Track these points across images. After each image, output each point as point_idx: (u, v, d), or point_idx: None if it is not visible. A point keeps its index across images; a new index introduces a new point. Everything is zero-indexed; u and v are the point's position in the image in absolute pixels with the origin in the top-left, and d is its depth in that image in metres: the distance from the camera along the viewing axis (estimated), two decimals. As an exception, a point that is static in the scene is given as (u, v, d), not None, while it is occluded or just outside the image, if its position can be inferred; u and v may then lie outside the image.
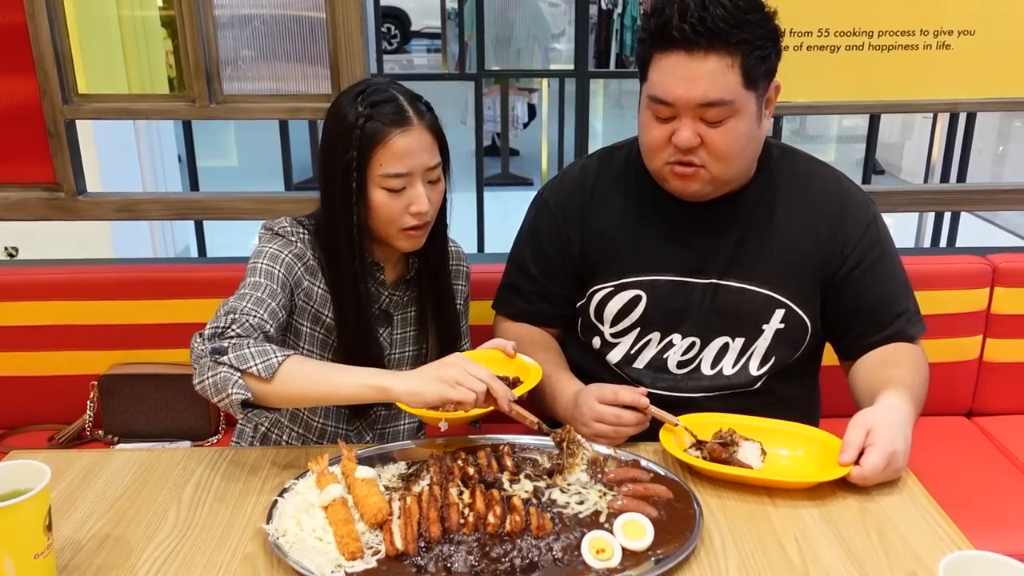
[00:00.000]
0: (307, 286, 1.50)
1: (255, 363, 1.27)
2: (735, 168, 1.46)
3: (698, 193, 1.47)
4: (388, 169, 1.42)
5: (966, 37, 2.14)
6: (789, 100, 2.18)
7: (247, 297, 1.38)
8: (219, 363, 1.27)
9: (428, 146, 1.45)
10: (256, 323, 1.34)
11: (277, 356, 1.28)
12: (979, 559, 0.97)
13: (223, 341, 1.29)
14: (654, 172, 1.50)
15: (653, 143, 1.45)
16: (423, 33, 12.79)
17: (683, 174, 1.44)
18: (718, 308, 1.53)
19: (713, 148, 1.40)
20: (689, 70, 1.36)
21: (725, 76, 1.36)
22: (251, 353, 1.28)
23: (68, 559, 1.15)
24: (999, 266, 2.08)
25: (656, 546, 1.13)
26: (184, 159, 3.38)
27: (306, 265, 1.49)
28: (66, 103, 2.10)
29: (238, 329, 1.31)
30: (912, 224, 4.42)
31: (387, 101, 1.44)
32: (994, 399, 2.16)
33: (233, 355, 1.28)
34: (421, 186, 1.45)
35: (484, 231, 3.56)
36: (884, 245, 1.55)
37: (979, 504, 1.78)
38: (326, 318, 1.52)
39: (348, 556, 1.10)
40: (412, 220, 1.46)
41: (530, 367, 1.46)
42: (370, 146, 1.41)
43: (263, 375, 1.27)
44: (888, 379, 1.43)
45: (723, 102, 1.37)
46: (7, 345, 2.06)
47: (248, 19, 2.12)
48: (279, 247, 1.47)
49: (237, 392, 1.26)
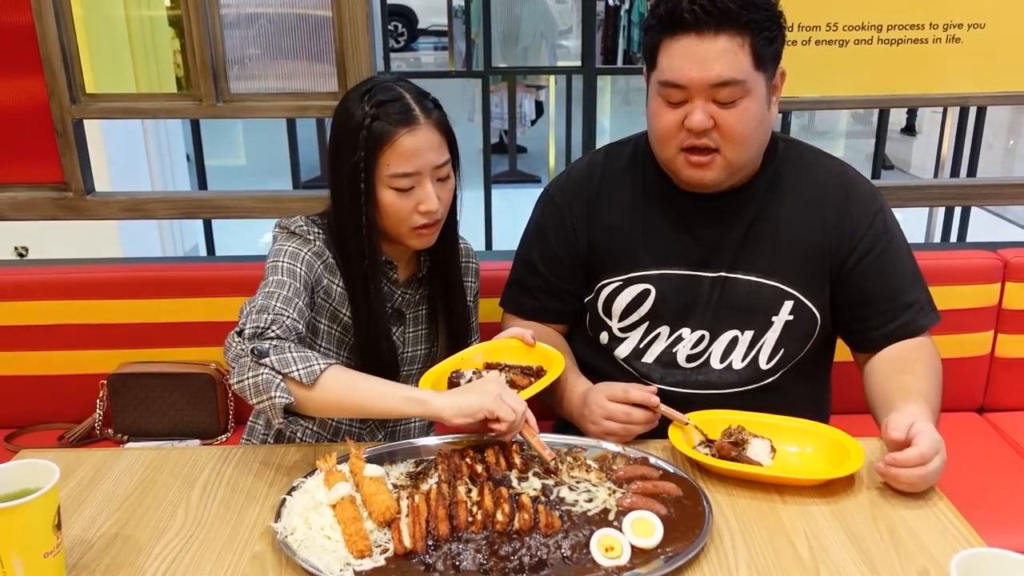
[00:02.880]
0: (327, 284, 1.50)
1: (297, 368, 1.26)
2: (748, 152, 1.45)
3: (712, 182, 1.46)
4: (396, 169, 1.42)
5: (976, 30, 2.13)
6: (798, 95, 2.17)
7: (275, 296, 1.36)
8: (261, 364, 1.26)
9: (436, 144, 1.45)
10: (291, 324, 1.33)
11: (319, 363, 1.27)
12: (992, 556, 0.96)
13: (264, 342, 1.28)
14: (666, 162, 1.49)
15: (665, 129, 1.44)
16: (430, 31, 12.81)
17: (698, 163, 1.43)
18: (727, 301, 1.52)
19: (726, 130, 1.40)
20: (700, 51, 1.37)
21: (736, 56, 1.37)
22: (293, 358, 1.27)
23: (77, 558, 1.15)
24: (1010, 261, 2.07)
25: (665, 544, 1.13)
26: (192, 158, 3.39)
27: (325, 263, 1.49)
28: (74, 103, 2.11)
29: (278, 330, 1.30)
30: (922, 219, 4.39)
31: (393, 100, 1.43)
32: (1006, 395, 2.15)
33: (275, 357, 1.26)
34: (430, 184, 1.44)
35: (492, 228, 3.56)
36: (892, 234, 1.53)
37: (991, 501, 1.77)
38: (344, 316, 1.52)
39: (356, 554, 1.10)
40: (422, 219, 1.45)
41: (552, 355, 1.46)
42: (377, 146, 1.41)
43: (305, 381, 1.25)
44: (906, 389, 1.42)
45: (735, 81, 1.37)
46: (17, 344, 2.06)
47: (254, 18, 2.12)
48: (298, 245, 1.47)
49: (280, 396, 1.25)
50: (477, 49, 5.83)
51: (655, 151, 1.50)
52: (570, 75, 6.06)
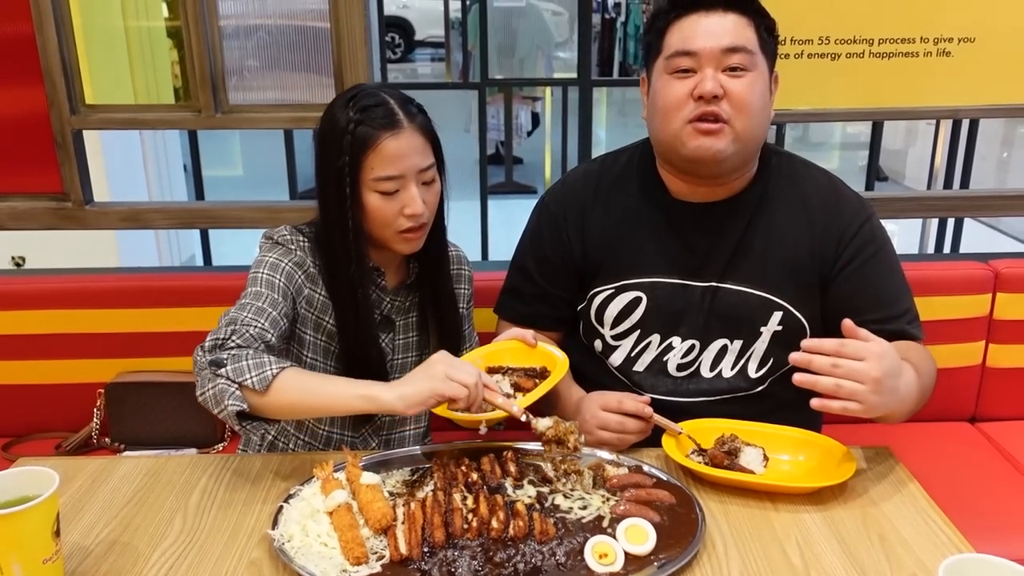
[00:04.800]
0: (308, 294, 1.51)
1: (250, 375, 1.28)
2: (754, 127, 1.46)
3: (720, 154, 1.44)
4: (379, 172, 1.43)
5: (966, 44, 2.15)
6: (791, 108, 2.19)
7: (248, 307, 1.39)
8: (217, 375, 1.29)
9: (420, 148, 1.46)
10: (256, 333, 1.35)
11: (272, 368, 1.29)
12: (979, 562, 0.97)
13: (222, 353, 1.30)
14: (671, 138, 1.47)
15: (673, 99, 1.45)
16: (427, 42, 12.85)
17: (708, 130, 1.43)
18: (717, 310, 1.54)
19: (736, 98, 1.42)
20: (711, 24, 1.44)
21: (745, 29, 1.44)
22: (248, 365, 1.29)
23: (76, 565, 1.16)
24: (1001, 271, 2.08)
25: (659, 551, 1.14)
26: (190, 168, 3.40)
27: (307, 273, 1.51)
28: (73, 113, 2.12)
29: (238, 340, 1.32)
30: (916, 230, 4.42)
31: (377, 105, 1.45)
32: (997, 405, 2.16)
33: (231, 367, 1.29)
34: (415, 188, 1.45)
35: (488, 239, 3.58)
36: (879, 245, 1.54)
37: (982, 509, 1.78)
38: (328, 325, 1.53)
39: (353, 561, 1.11)
40: (407, 222, 1.46)
41: (555, 357, 1.46)
42: (361, 150, 1.43)
43: (257, 387, 1.28)
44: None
45: (746, 49, 1.43)
46: (15, 354, 2.07)
47: (253, 29, 2.14)
48: (279, 256, 1.49)
49: (232, 403, 1.27)
50: (474, 60, 5.86)
51: (659, 132, 1.50)
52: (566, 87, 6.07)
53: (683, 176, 1.53)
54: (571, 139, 5.65)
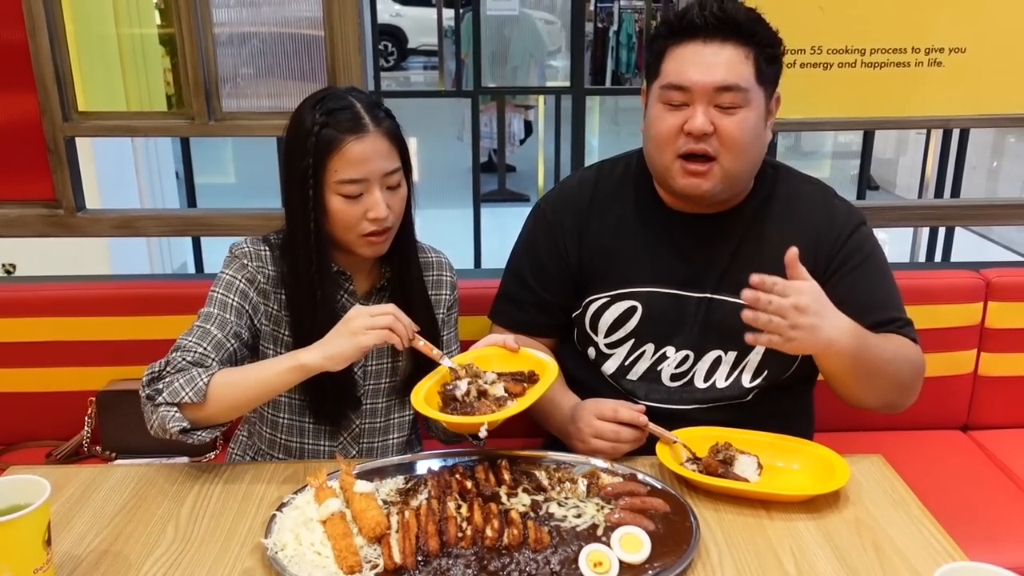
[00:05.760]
0: (264, 309, 1.53)
1: (185, 392, 1.32)
2: (744, 163, 1.46)
3: (707, 193, 1.46)
4: (343, 175, 1.43)
5: (957, 54, 2.17)
6: (783, 117, 2.18)
7: (195, 330, 1.44)
8: (157, 405, 1.33)
9: (385, 152, 1.46)
10: (194, 359, 1.38)
11: (202, 378, 1.33)
12: (972, 570, 0.97)
13: (158, 383, 1.35)
14: (662, 169, 1.49)
15: (664, 133, 1.45)
16: (420, 50, 12.88)
17: (695, 171, 1.44)
18: (711, 322, 1.54)
19: (726, 136, 1.42)
20: (706, 56, 1.42)
21: (740, 65, 1.42)
22: (180, 385, 1.33)
23: (67, 574, 1.15)
24: (992, 280, 2.09)
25: (653, 559, 1.14)
26: (182, 176, 3.39)
27: (258, 288, 1.52)
28: (66, 120, 2.12)
29: (171, 370, 1.36)
30: (907, 239, 4.44)
31: (343, 108, 1.45)
32: (989, 413, 2.17)
33: (166, 393, 1.33)
34: (378, 192, 1.45)
35: (481, 247, 3.58)
36: (869, 253, 1.55)
37: (975, 517, 1.78)
38: (283, 336, 1.54)
39: (346, 570, 1.10)
40: (371, 226, 1.46)
41: (543, 360, 1.45)
42: (325, 153, 1.43)
43: (195, 400, 1.32)
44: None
45: (738, 87, 1.41)
46: (5, 361, 2.06)
47: (247, 37, 2.14)
48: (234, 272, 1.51)
49: (174, 424, 1.32)
50: (467, 69, 5.87)
51: (651, 159, 1.51)
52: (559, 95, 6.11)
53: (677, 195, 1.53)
54: (564, 147, 5.68)
